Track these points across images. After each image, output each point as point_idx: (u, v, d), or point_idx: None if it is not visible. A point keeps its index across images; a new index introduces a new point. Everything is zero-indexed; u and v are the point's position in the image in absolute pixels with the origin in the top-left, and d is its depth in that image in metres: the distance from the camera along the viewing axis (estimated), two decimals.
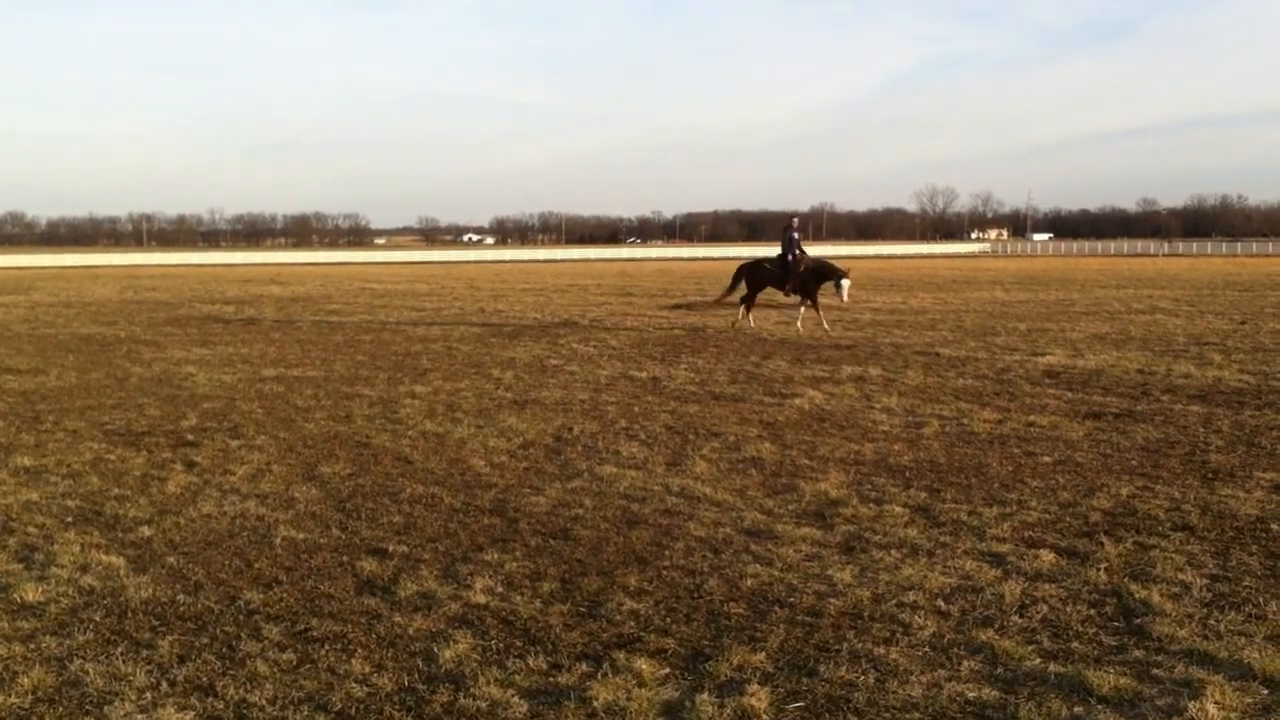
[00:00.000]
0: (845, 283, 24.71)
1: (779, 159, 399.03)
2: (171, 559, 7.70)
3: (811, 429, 12.33)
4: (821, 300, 24.96)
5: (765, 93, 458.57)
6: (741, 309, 26.09)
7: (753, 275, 25.88)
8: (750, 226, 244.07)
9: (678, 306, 33.93)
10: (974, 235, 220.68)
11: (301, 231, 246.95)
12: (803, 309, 25.05)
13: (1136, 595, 6.71)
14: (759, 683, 5.52)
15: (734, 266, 27.53)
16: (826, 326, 24.29)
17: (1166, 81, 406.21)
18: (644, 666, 5.72)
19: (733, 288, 26.54)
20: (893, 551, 7.67)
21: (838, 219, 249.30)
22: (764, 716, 5.21)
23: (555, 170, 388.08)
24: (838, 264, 25.75)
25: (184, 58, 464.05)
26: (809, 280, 24.81)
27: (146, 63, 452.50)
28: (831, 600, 6.70)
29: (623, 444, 11.55)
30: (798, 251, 25.22)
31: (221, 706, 5.38)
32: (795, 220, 26.25)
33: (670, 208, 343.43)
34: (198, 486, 9.85)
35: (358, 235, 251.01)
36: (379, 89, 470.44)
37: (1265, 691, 5.36)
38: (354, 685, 5.58)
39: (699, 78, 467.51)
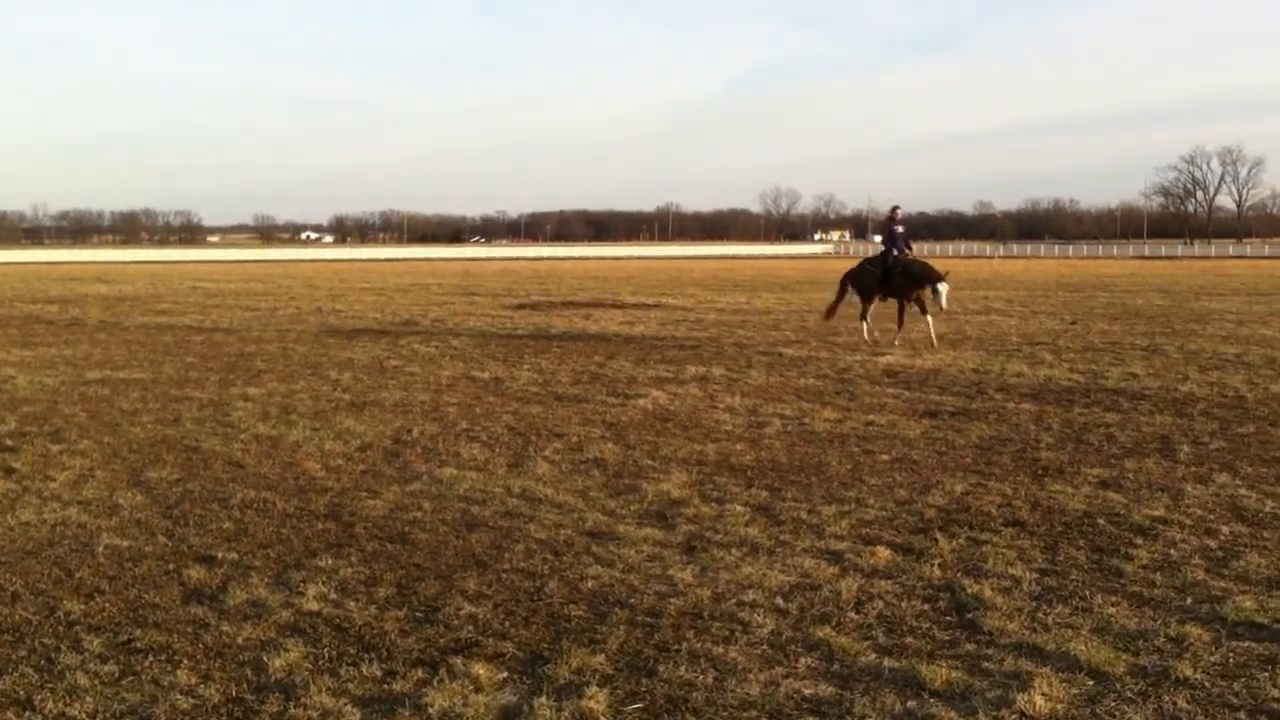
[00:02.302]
0: (943, 287, 21.00)
1: (625, 159, 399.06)
2: None
3: (655, 429, 12.34)
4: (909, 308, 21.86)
5: (609, 92, 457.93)
6: (863, 324, 22.22)
7: (858, 281, 22.59)
8: (597, 226, 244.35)
9: (522, 306, 33.80)
10: (817, 237, 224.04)
11: (130, 229, 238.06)
12: (930, 318, 21.55)
13: (969, 590, 6.85)
14: (598, 685, 5.47)
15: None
16: (898, 343, 21.07)
17: (998, 88, 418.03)
18: (481, 671, 5.62)
19: (839, 298, 23.24)
20: (733, 550, 7.70)
21: (684, 219, 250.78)
22: (602, 718, 5.16)
23: (397, 168, 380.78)
24: (935, 265, 22.10)
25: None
26: (899, 282, 21.42)
27: None
28: (672, 600, 6.69)
29: (463, 446, 11.41)
30: (900, 248, 21.64)
31: None
32: (898, 211, 22.08)
33: (515, 207, 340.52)
34: (16, 493, 9.41)
35: (190, 233, 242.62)
36: (209, 84, 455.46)
37: (1091, 682, 5.50)
38: (179, 697, 5.37)
39: (542, 76, 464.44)
